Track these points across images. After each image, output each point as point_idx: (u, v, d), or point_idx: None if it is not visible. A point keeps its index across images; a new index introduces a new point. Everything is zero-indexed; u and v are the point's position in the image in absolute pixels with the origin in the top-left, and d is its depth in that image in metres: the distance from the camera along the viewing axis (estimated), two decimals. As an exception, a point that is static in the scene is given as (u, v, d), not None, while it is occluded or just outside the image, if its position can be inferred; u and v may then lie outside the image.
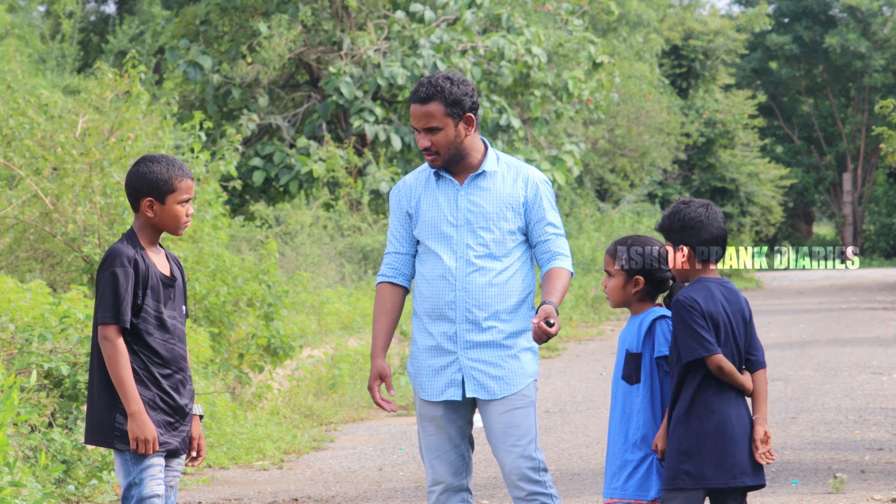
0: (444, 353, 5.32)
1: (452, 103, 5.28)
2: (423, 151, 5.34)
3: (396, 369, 14.36)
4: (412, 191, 5.44)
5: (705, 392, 4.98)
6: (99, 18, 32.61)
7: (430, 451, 5.36)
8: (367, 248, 18.66)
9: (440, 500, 5.36)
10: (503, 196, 5.35)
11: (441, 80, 5.28)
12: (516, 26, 20.72)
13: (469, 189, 5.37)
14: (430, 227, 5.37)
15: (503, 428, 5.28)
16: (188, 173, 5.12)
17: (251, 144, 20.33)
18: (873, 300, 26.75)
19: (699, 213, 5.07)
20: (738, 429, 4.98)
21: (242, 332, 11.14)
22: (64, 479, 7.63)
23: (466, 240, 5.32)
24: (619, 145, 32.89)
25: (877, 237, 50.18)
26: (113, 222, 10.22)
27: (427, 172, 5.45)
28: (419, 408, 5.41)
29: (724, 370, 4.96)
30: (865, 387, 12.86)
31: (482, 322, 5.28)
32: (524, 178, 5.39)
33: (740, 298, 5.09)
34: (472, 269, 5.30)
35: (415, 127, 5.35)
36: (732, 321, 5.02)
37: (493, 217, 5.33)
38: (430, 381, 5.35)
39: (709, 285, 5.04)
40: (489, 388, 5.29)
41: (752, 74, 50.22)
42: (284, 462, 9.85)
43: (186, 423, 5.11)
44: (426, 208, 5.39)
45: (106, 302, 4.96)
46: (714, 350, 4.94)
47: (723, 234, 5.08)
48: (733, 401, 5.01)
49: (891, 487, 8.11)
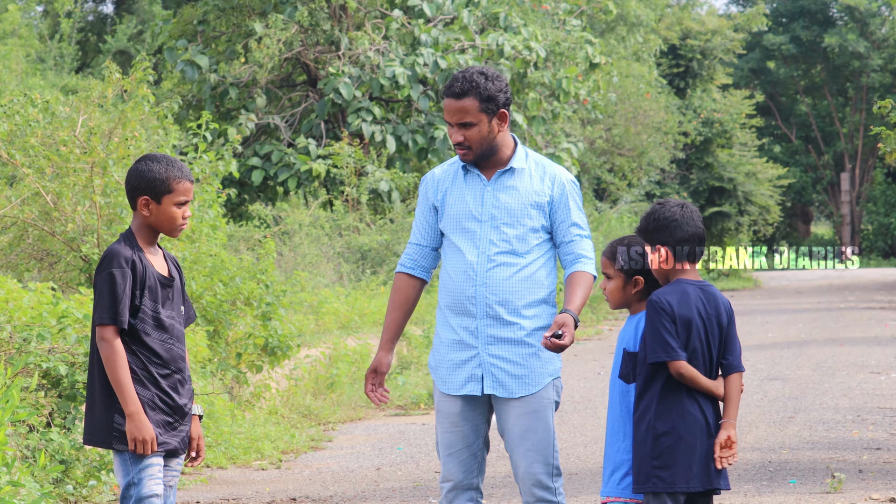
0: (465, 348, 5.31)
1: (487, 99, 5.27)
2: (456, 146, 5.33)
3: (394, 369, 14.36)
4: (440, 184, 5.43)
5: (669, 394, 4.96)
6: (97, 18, 32.61)
7: (444, 448, 5.36)
8: (365, 248, 18.66)
9: (448, 497, 5.35)
10: (529, 193, 5.32)
11: (476, 76, 5.27)
12: (514, 25, 20.72)
13: (496, 185, 5.35)
14: (454, 221, 5.36)
15: (521, 431, 5.26)
16: (188, 175, 5.10)
17: (249, 144, 20.32)
18: (871, 300, 26.76)
19: (673, 213, 5.06)
20: (695, 432, 4.95)
21: (240, 331, 11.13)
22: (62, 479, 7.62)
23: (489, 235, 5.31)
24: (617, 145, 32.89)
25: (874, 237, 50.21)
26: (112, 222, 10.22)
27: (456, 166, 5.43)
28: (437, 401, 5.39)
29: (685, 376, 4.93)
30: (863, 386, 12.86)
31: (504, 317, 5.26)
32: (551, 177, 5.37)
33: (719, 302, 5.05)
34: (493, 265, 5.28)
35: (448, 121, 5.33)
36: (707, 325, 4.99)
37: (517, 214, 5.31)
38: (451, 374, 5.34)
39: (685, 287, 5.02)
40: (508, 386, 5.27)
41: (749, 74, 50.23)
42: (282, 462, 9.84)
43: (185, 423, 5.10)
44: (452, 202, 5.38)
45: (104, 303, 4.96)
46: (676, 356, 4.92)
47: (699, 233, 5.06)
48: (697, 404, 4.98)
49: (889, 487, 8.12)
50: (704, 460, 4.96)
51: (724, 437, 4.98)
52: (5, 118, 10.58)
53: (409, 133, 19.93)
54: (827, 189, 51.85)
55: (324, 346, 13.17)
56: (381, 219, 19.55)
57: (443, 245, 5.43)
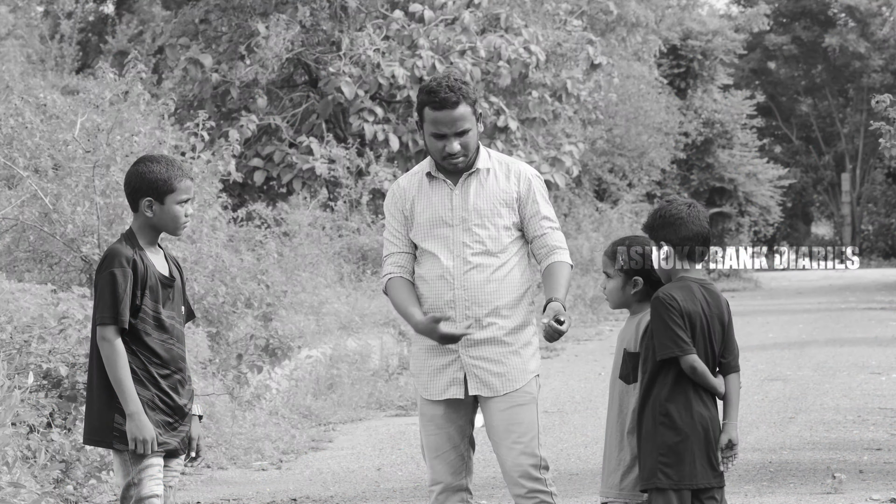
0: (445, 353, 5.32)
1: (474, 102, 5.35)
2: (450, 157, 5.30)
3: (395, 369, 14.37)
4: (406, 193, 5.44)
5: (676, 390, 4.96)
6: (98, 18, 32.60)
7: (431, 451, 5.37)
8: (365, 248, 18.66)
9: (439, 500, 5.36)
10: (496, 192, 5.35)
11: (459, 83, 5.31)
12: (514, 26, 20.72)
13: (463, 188, 5.37)
14: (425, 228, 5.37)
15: (505, 425, 5.28)
16: (187, 173, 5.12)
17: (250, 145, 20.31)
18: (872, 300, 26.76)
19: (680, 210, 5.07)
20: (700, 429, 4.96)
21: (241, 332, 11.13)
22: (62, 480, 7.63)
23: (462, 238, 5.32)
24: (618, 145, 32.89)
25: (875, 237, 50.23)
26: (111, 222, 10.22)
27: (419, 175, 5.45)
28: (421, 407, 5.41)
29: (698, 371, 4.94)
30: (864, 387, 12.86)
31: (482, 319, 5.28)
32: (516, 174, 5.40)
33: (721, 301, 5.08)
34: (469, 267, 5.29)
35: (441, 133, 5.29)
36: (709, 323, 5.01)
37: (487, 214, 5.33)
38: (432, 380, 5.35)
39: (690, 284, 5.03)
40: (491, 384, 5.29)
41: (750, 74, 50.26)
42: (283, 462, 9.84)
43: (185, 424, 5.11)
44: (420, 210, 5.39)
45: (104, 303, 4.96)
46: (689, 350, 4.93)
47: (704, 233, 5.07)
48: (702, 401, 4.99)
49: (889, 487, 8.11)
50: (708, 457, 4.97)
51: (726, 440, 5.00)
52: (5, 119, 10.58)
53: (408, 133, 19.93)
54: (827, 189, 51.86)
55: (324, 347, 13.17)
56: (382, 219, 19.55)
57: (416, 254, 5.42)
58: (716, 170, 39.37)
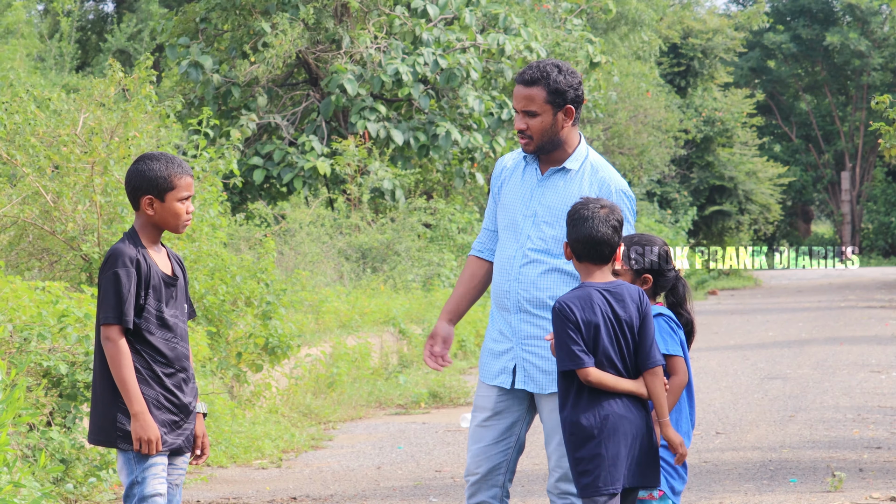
0: (504, 340, 5.34)
1: (554, 91, 5.25)
2: (518, 133, 5.31)
3: (395, 367, 14.36)
4: (503, 172, 5.46)
5: (588, 397, 4.83)
6: (97, 17, 32.61)
7: (472, 441, 5.37)
8: (365, 247, 18.66)
9: (471, 490, 5.35)
10: (573, 195, 5.26)
11: (549, 67, 5.26)
12: (513, 27, 20.71)
13: (546, 183, 5.34)
14: (504, 214, 5.39)
15: (552, 426, 5.26)
16: (187, 170, 5.11)
17: (250, 144, 20.31)
18: (871, 299, 26.77)
19: (581, 212, 4.91)
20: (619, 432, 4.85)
21: (241, 330, 11.13)
22: (63, 478, 7.63)
23: (529, 231, 5.31)
24: (618, 144, 32.89)
25: (875, 236, 50.22)
26: (112, 221, 10.21)
27: (521, 155, 5.43)
28: (477, 390, 5.41)
29: (594, 383, 4.82)
30: (864, 385, 12.87)
31: (533, 312, 5.26)
32: (599, 181, 5.31)
33: (628, 303, 4.90)
34: (526, 261, 5.28)
35: (514, 108, 5.33)
36: (615, 327, 4.87)
37: (559, 214, 5.27)
38: (489, 363, 5.38)
39: (590, 292, 4.89)
40: (538, 381, 5.28)
41: (750, 73, 50.25)
42: (283, 461, 9.85)
43: (190, 422, 5.11)
44: (506, 193, 5.41)
45: (108, 302, 4.95)
46: (583, 363, 4.82)
47: (595, 237, 4.88)
48: (621, 402, 4.85)
49: (889, 486, 8.12)
50: (637, 457, 4.87)
51: (675, 439, 4.90)
52: (7, 116, 10.57)
53: (410, 131, 19.93)
54: (827, 188, 51.86)
55: (324, 345, 13.17)
56: (382, 217, 19.55)
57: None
58: (716, 168, 39.39)
